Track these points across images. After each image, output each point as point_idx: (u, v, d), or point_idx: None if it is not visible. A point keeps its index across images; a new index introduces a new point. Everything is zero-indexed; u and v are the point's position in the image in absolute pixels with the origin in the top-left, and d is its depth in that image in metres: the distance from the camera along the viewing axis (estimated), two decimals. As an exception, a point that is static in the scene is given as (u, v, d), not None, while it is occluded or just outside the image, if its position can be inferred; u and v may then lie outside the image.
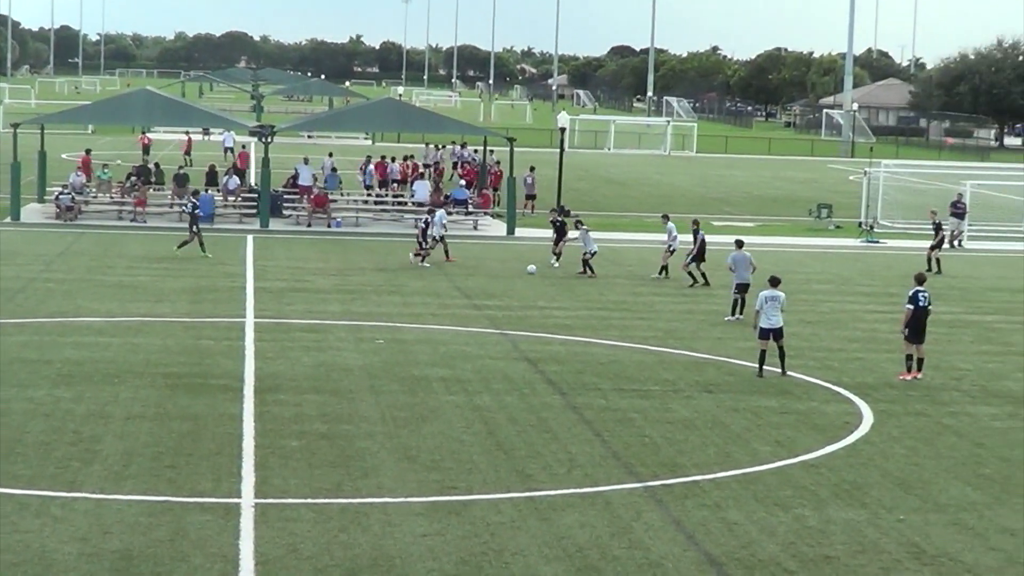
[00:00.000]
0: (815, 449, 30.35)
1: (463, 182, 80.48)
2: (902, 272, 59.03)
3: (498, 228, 72.24)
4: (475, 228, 71.82)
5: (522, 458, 28.75)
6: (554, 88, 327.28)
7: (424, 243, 56.01)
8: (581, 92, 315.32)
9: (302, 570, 21.72)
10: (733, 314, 46.18)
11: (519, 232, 70.11)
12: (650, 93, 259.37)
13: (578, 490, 26.59)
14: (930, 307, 38.19)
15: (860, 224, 77.75)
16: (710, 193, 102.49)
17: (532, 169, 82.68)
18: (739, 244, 47.80)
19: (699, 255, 53.35)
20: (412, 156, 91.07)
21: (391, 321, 44.15)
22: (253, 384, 34.57)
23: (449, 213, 72.83)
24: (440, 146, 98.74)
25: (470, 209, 74.30)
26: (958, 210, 73.38)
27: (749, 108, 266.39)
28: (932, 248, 61.64)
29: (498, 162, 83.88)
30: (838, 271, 58.73)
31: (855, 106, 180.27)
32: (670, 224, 56.51)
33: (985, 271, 62.28)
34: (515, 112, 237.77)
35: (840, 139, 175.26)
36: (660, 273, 55.54)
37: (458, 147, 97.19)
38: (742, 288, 46.36)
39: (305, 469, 27.35)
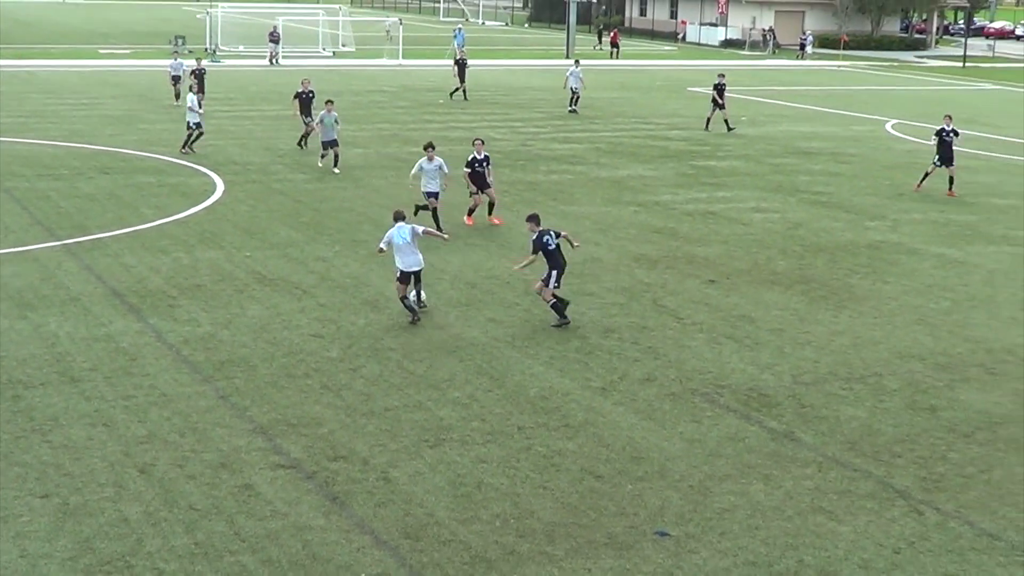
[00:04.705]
0: (184, 210, 29.98)
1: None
2: (240, 84, 58.54)
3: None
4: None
5: (-31, 229, 27.33)
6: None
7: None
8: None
9: None
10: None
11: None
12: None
13: (13, 250, 25.46)
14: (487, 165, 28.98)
15: (206, 49, 76.72)
16: (96, 29, 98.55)
17: None
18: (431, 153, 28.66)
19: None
20: None
21: None
22: None
23: None
24: None
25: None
26: (274, 38, 73.39)
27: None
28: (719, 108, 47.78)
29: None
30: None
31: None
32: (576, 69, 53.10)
33: (296, 81, 62.47)
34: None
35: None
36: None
37: None
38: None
39: None
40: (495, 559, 13.06)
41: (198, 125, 38.34)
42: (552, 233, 21.30)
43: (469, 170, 28.71)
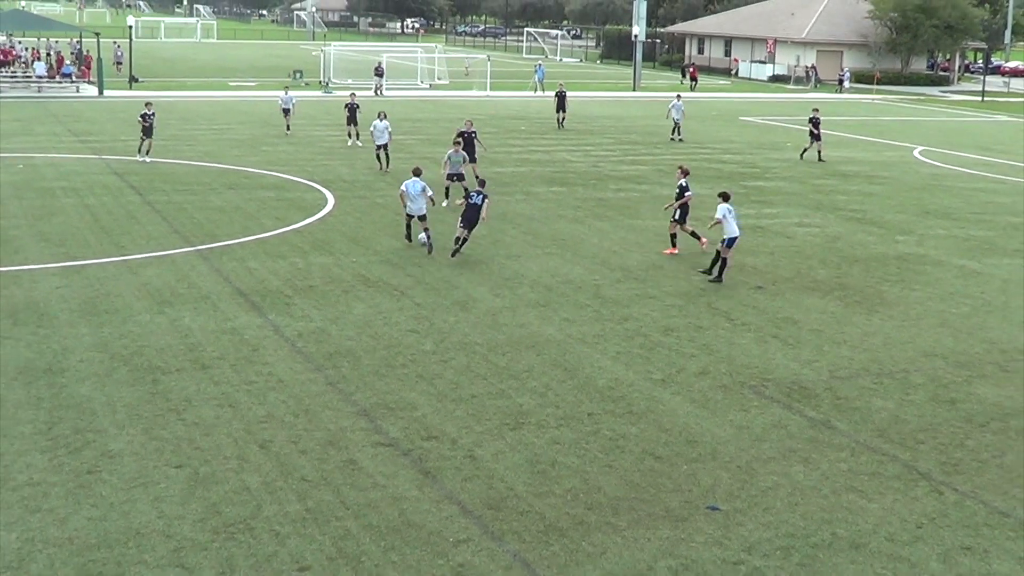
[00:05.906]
0: (300, 221, 30.21)
1: (68, 63, 75.49)
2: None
3: (93, 90, 68.24)
4: (78, 91, 67.83)
5: (118, 235, 27.64)
6: (124, 0, 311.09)
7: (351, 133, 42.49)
8: (141, 2, 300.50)
9: (-24, 315, 20.50)
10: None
11: (108, 93, 66.54)
12: (185, 1, 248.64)
13: (154, 254, 25.79)
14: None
15: (320, 82, 77.36)
16: (225, 64, 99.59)
17: (120, 47, 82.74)
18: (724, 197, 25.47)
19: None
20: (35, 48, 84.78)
21: (26, 152, 41.41)
22: (-67, 197, 32.05)
23: (60, 82, 68.70)
24: (55, 40, 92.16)
25: (73, 79, 70.04)
26: (379, 72, 73.72)
27: (248, 11, 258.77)
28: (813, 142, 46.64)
29: (88, 51, 79.74)
30: (305, 111, 58.03)
31: (313, 8, 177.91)
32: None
33: (399, 110, 62.71)
34: (100, 16, 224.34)
35: (305, 30, 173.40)
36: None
37: (51, 41, 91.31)
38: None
39: (-27, 250, 25.68)
40: (566, 528, 13.01)
41: (383, 147, 38.98)
42: (483, 196, 25.35)
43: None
